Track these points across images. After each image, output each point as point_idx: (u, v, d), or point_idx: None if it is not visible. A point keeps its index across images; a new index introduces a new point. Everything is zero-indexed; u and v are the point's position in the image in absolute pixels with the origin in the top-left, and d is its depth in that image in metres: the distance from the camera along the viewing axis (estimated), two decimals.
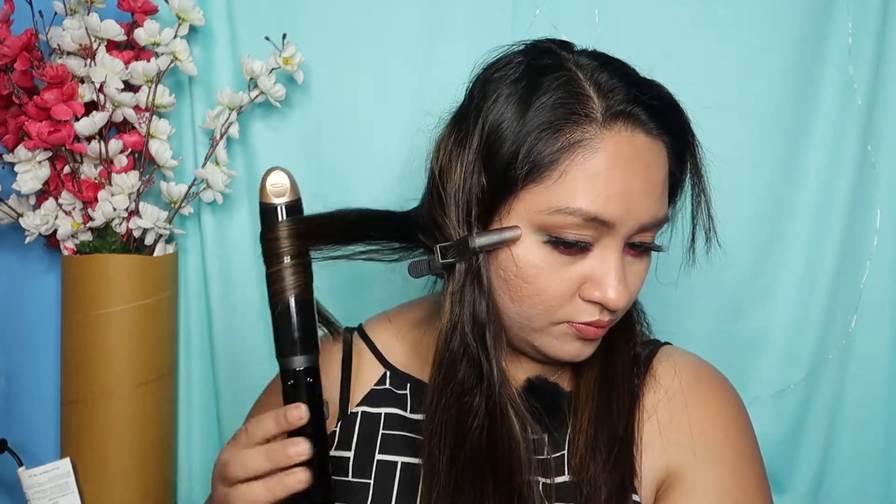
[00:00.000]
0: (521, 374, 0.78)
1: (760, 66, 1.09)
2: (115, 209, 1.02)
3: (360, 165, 1.11)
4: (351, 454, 0.79)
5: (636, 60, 0.74)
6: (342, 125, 1.12)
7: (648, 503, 0.74)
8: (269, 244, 0.71)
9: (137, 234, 1.05)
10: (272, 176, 0.70)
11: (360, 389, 0.83)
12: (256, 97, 1.07)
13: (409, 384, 0.82)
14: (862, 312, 1.12)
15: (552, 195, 0.67)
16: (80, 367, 1.04)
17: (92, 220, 1.03)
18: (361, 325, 0.89)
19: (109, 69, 1.01)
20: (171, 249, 1.10)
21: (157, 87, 1.04)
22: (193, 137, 1.12)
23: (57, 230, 1.04)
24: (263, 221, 0.71)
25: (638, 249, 0.71)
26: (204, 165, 1.08)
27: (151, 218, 1.04)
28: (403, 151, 1.06)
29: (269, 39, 1.05)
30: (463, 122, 0.72)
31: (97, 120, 1.00)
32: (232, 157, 1.11)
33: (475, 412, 0.70)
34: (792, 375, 1.13)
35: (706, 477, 0.72)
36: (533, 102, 0.68)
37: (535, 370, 0.78)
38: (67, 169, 1.04)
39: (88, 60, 1.02)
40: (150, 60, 1.03)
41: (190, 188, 1.08)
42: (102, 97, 1.02)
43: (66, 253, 1.06)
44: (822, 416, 1.12)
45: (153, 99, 1.04)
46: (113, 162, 1.04)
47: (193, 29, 1.06)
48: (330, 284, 1.05)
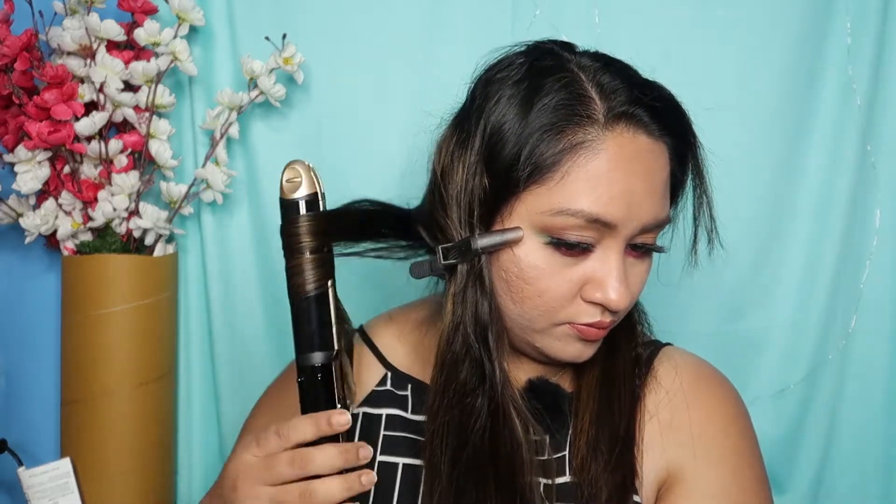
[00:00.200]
0: (522, 374, 0.78)
1: (760, 66, 1.09)
2: (115, 209, 1.02)
3: (360, 165, 1.11)
4: None
5: (636, 61, 0.74)
6: (342, 125, 1.12)
7: (649, 503, 0.74)
8: (286, 239, 0.70)
9: (137, 234, 1.05)
10: (287, 171, 0.70)
11: (360, 391, 0.83)
12: (256, 97, 1.06)
13: (410, 385, 0.82)
14: (862, 312, 1.12)
15: (554, 196, 0.67)
16: (80, 367, 1.04)
17: (92, 220, 1.03)
18: (362, 325, 0.89)
19: (109, 69, 1.01)
20: (171, 249, 1.10)
21: (157, 87, 1.04)
22: (193, 137, 1.11)
23: (57, 230, 1.04)
24: (282, 216, 0.70)
25: (639, 250, 0.71)
26: (204, 165, 1.07)
27: (151, 218, 1.04)
28: (403, 151, 1.06)
29: (269, 39, 1.05)
30: (464, 123, 0.72)
31: (97, 120, 1.00)
32: (232, 157, 1.11)
33: (477, 413, 0.70)
34: (792, 375, 1.13)
35: (707, 477, 0.73)
36: (535, 104, 0.68)
37: (536, 371, 0.78)
38: (67, 169, 1.03)
39: (88, 60, 1.02)
40: (150, 60, 1.03)
41: (190, 188, 1.08)
42: (102, 97, 1.02)
43: (66, 253, 1.05)
44: (822, 416, 1.12)
45: (153, 99, 1.04)
46: (113, 162, 1.04)
47: (193, 29, 1.06)
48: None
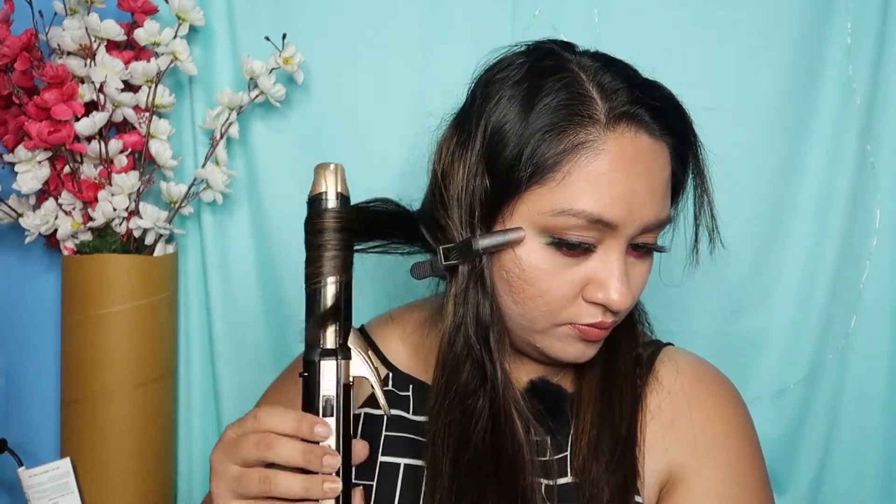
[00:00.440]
0: (523, 375, 0.78)
1: (760, 66, 1.09)
2: (115, 209, 1.02)
3: (360, 165, 1.10)
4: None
5: (636, 60, 0.74)
6: (342, 125, 1.11)
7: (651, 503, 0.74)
8: (308, 231, 0.69)
9: (137, 234, 1.05)
10: (324, 171, 0.70)
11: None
12: (256, 97, 1.06)
13: (411, 386, 0.82)
14: (862, 312, 1.12)
15: (555, 197, 0.67)
16: (80, 367, 1.04)
17: (92, 220, 1.03)
18: (363, 325, 0.89)
19: (109, 69, 1.01)
20: (171, 249, 1.10)
21: (157, 87, 1.04)
22: (193, 137, 1.11)
23: (57, 230, 1.04)
24: (309, 209, 0.70)
25: (641, 250, 0.71)
26: (204, 165, 1.07)
27: (151, 218, 1.04)
28: (403, 151, 1.06)
29: (269, 39, 1.04)
30: (465, 123, 0.72)
31: (97, 120, 1.00)
32: (232, 157, 1.11)
33: (479, 414, 0.70)
34: (792, 375, 1.13)
35: (708, 477, 0.73)
36: (536, 104, 0.68)
37: (537, 371, 0.78)
38: (67, 169, 1.03)
39: (88, 60, 1.02)
40: (150, 60, 1.03)
41: (190, 188, 1.07)
42: (102, 97, 1.02)
43: (66, 253, 1.05)
44: (822, 416, 1.12)
45: (153, 99, 1.04)
46: (113, 162, 1.04)
47: (193, 29, 1.06)
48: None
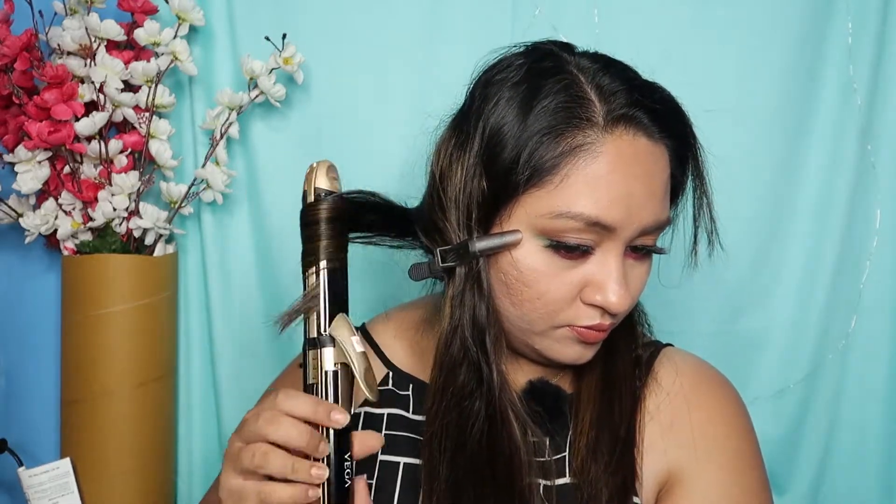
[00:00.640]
0: (521, 376, 0.78)
1: (760, 66, 1.09)
2: (115, 209, 1.02)
3: (360, 165, 1.11)
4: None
5: (636, 61, 0.74)
6: (342, 125, 1.11)
7: None
8: (302, 220, 0.70)
9: (137, 234, 1.05)
10: (326, 168, 0.72)
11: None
12: (256, 97, 1.06)
13: (411, 385, 0.82)
14: (862, 312, 1.11)
15: (553, 199, 0.67)
16: (80, 367, 1.04)
17: (92, 220, 1.03)
18: (364, 324, 0.89)
19: (109, 69, 1.01)
20: (171, 249, 1.10)
21: (157, 87, 1.04)
22: (193, 137, 1.11)
23: (57, 230, 1.04)
24: (305, 201, 0.71)
25: (639, 252, 0.71)
26: (204, 165, 1.07)
27: (151, 218, 1.04)
28: (403, 152, 1.06)
29: (269, 39, 1.04)
30: (463, 124, 0.72)
31: (97, 120, 1.00)
32: (232, 157, 1.11)
33: (475, 416, 0.70)
34: (792, 375, 1.13)
35: (707, 478, 0.73)
36: (534, 106, 0.67)
37: (535, 372, 0.78)
38: (67, 169, 1.03)
39: (88, 60, 1.02)
40: (150, 60, 1.03)
41: (190, 188, 1.07)
42: (102, 97, 1.02)
43: (66, 253, 1.05)
44: (822, 416, 1.12)
45: (153, 99, 1.04)
46: (113, 162, 1.04)
47: (193, 29, 1.06)
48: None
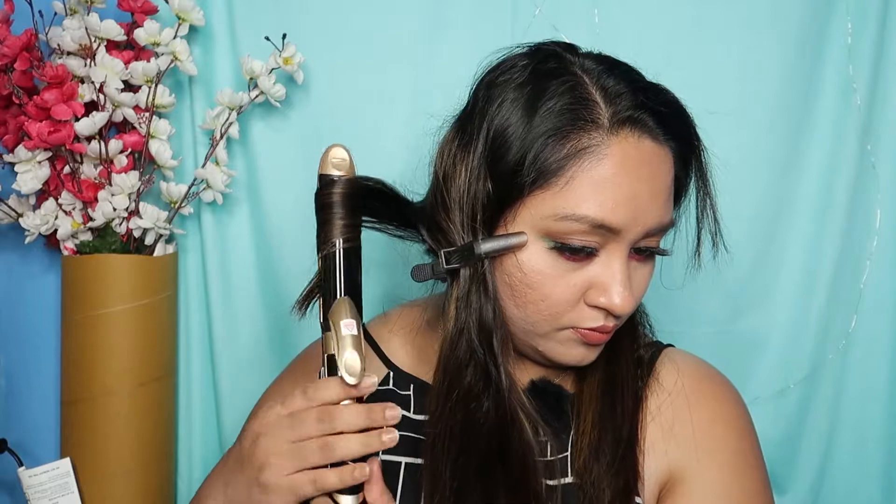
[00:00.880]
0: (523, 376, 0.78)
1: (760, 66, 1.09)
2: (115, 209, 1.02)
3: (359, 165, 1.10)
4: None
5: (636, 60, 0.74)
6: (342, 125, 1.11)
7: None
8: (321, 200, 0.72)
9: (137, 234, 1.05)
10: (334, 150, 0.73)
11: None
12: (256, 97, 1.06)
13: (412, 385, 0.82)
14: (862, 312, 1.12)
15: (559, 202, 0.67)
16: (80, 367, 1.04)
17: (92, 220, 1.02)
18: (365, 325, 0.89)
19: (109, 69, 1.01)
20: (171, 249, 1.10)
21: (157, 87, 1.03)
22: (193, 137, 1.11)
23: (57, 230, 1.03)
24: (320, 183, 0.73)
25: (643, 254, 0.71)
26: (204, 165, 1.07)
27: (151, 218, 1.03)
28: (403, 151, 1.06)
29: (269, 39, 1.04)
30: (467, 125, 0.72)
31: (97, 120, 1.00)
32: (232, 157, 1.11)
33: (483, 418, 0.70)
34: (792, 375, 1.13)
35: (708, 479, 0.73)
36: (539, 108, 0.67)
37: (538, 373, 0.79)
38: (67, 169, 1.03)
39: (88, 60, 1.02)
40: (150, 60, 1.03)
41: (190, 188, 1.07)
42: (102, 97, 1.01)
43: (66, 253, 1.05)
44: (822, 416, 1.13)
45: (153, 99, 1.03)
46: (113, 162, 1.03)
47: (193, 29, 1.06)
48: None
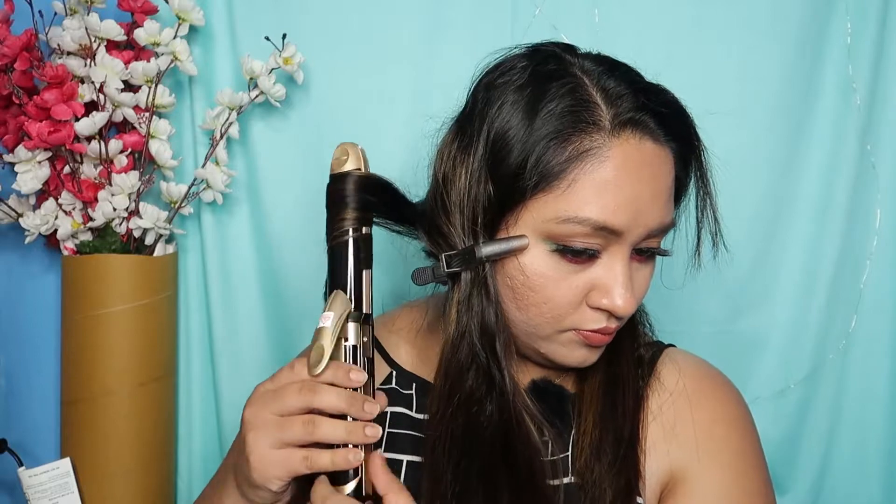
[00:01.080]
0: (524, 377, 0.78)
1: (760, 66, 1.09)
2: (115, 209, 1.02)
3: None
4: None
5: (637, 61, 0.74)
6: (342, 125, 1.11)
7: None
8: (333, 193, 0.70)
9: (137, 234, 1.05)
10: (338, 150, 0.71)
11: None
12: (256, 97, 1.06)
13: (414, 384, 0.82)
14: (862, 312, 1.12)
15: (560, 204, 0.67)
16: (80, 367, 1.04)
17: (92, 220, 1.02)
18: None
19: (109, 69, 1.01)
20: (171, 249, 1.10)
21: (157, 87, 1.03)
22: (193, 137, 1.11)
23: (57, 230, 1.04)
24: (331, 179, 0.71)
25: (644, 255, 0.71)
26: (204, 165, 1.07)
27: (151, 218, 1.04)
28: (403, 152, 1.06)
29: (269, 39, 1.04)
30: (466, 128, 0.71)
31: (97, 120, 1.00)
32: (232, 157, 1.11)
33: (486, 421, 0.70)
34: (792, 375, 1.13)
35: (710, 478, 0.73)
36: (539, 110, 0.67)
37: (538, 373, 0.78)
38: (67, 169, 1.03)
39: (88, 60, 1.02)
40: (150, 60, 1.03)
41: (190, 188, 1.07)
42: (102, 97, 1.01)
43: (66, 253, 1.05)
44: (822, 416, 1.13)
45: (153, 99, 1.03)
46: (113, 162, 1.03)
47: (193, 29, 1.06)
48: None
